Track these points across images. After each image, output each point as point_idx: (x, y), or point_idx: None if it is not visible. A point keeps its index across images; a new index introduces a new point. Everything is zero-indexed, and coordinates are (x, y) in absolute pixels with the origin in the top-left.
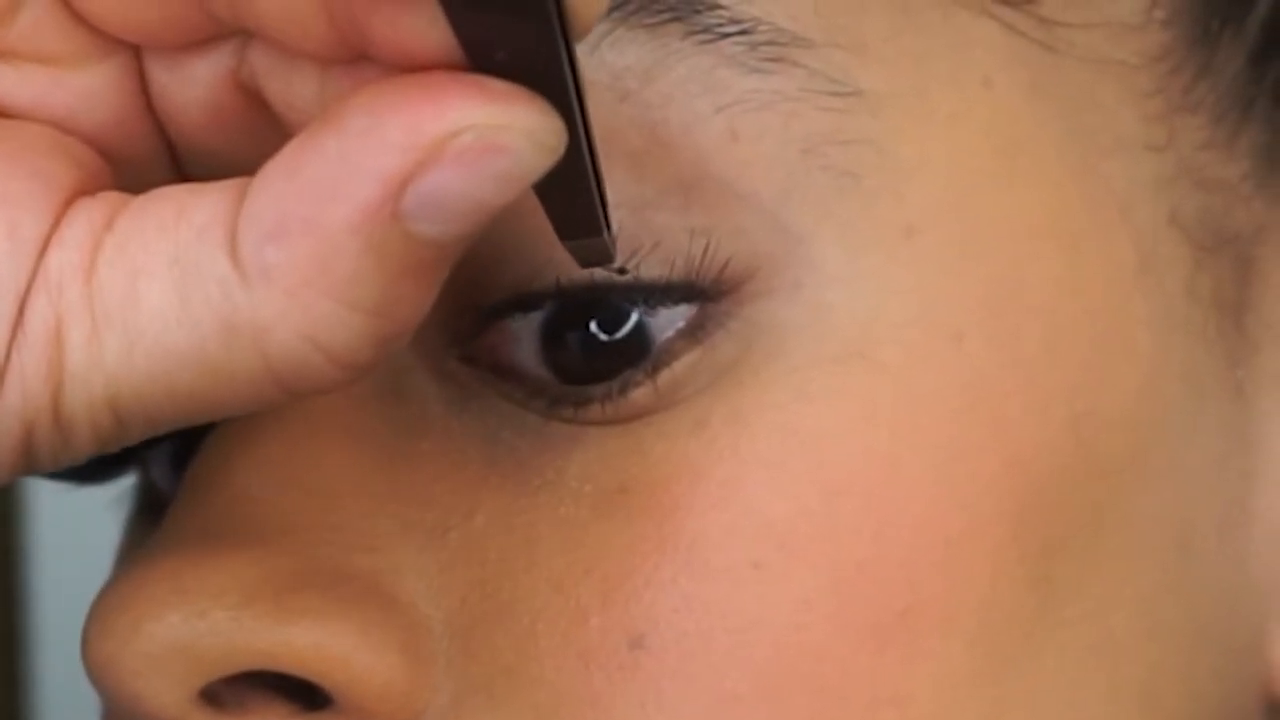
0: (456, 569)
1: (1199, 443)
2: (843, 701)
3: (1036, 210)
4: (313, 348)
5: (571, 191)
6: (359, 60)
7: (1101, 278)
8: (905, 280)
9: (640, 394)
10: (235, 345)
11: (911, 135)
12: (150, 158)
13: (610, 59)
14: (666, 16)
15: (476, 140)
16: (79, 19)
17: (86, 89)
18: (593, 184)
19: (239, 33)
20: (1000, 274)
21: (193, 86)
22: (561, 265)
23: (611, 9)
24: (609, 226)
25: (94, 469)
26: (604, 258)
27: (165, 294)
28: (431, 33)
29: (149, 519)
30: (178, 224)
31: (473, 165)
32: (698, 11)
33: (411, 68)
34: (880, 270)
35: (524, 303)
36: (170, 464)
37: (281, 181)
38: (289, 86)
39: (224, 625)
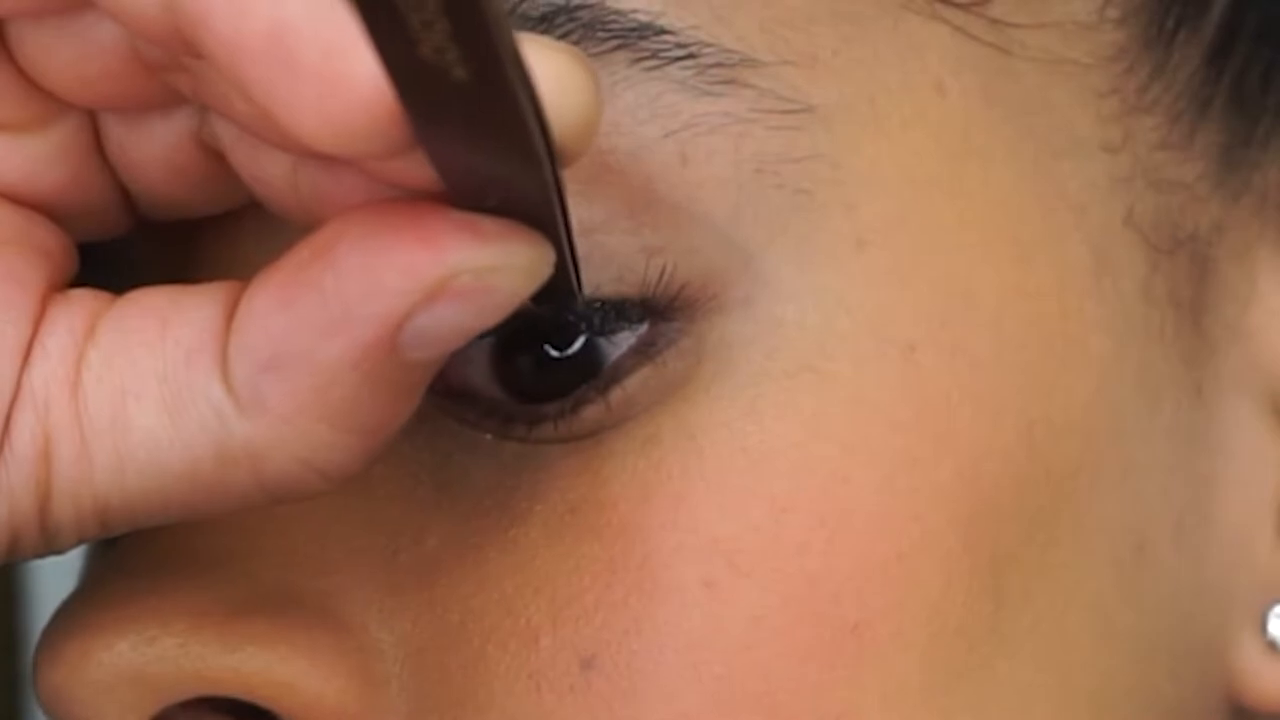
0: (407, 592)
1: (1154, 447)
2: (793, 718)
3: (989, 216)
4: (307, 468)
5: (551, 278)
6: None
7: (1055, 282)
8: (856, 293)
9: (592, 411)
10: (230, 468)
11: (864, 146)
12: (109, 207)
13: None
14: (612, 44)
15: (473, 281)
16: (35, 86)
17: (43, 152)
18: (571, 269)
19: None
20: (951, 282)
21: (152, 144)
22: None
23: (557, 39)
24: (580, 290)
25: None
26: (569, 306)
27: (156, 415)
28: (420, 171)
29: (107, 544)
30: (163, 341)
31: (469, 302)
32: (643, 38)
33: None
34: (832, 284)
35: None
36: None
37: (274, 313)
38: (257, 163)
39: (172, 652)
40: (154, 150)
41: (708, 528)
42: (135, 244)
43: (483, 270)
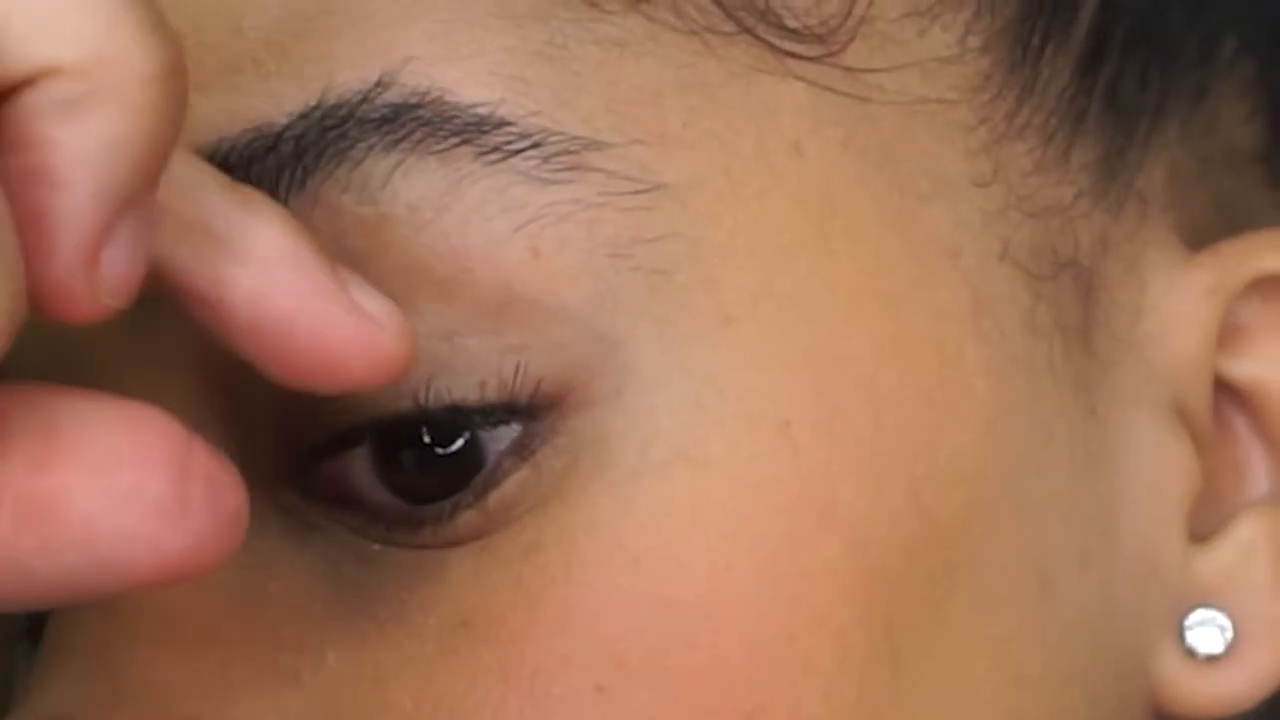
0: (313, 713)
1: (1051, 479)
2: None
3: (857, 274)
4: None
5: None
6: None
7: (931, 332)
8: (725, 373)
9: (469, 516)
10: None
11: (722, 219)
12: None
13: (404, 190)
14: (455, 141)
15: None
16: None
17: None
18: None
19: None
20: (822, 350)
21: None
22: (372, 400)
23: (400, 139)
24: None
25: None
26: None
27: None
28: None
29: (35, 645)
30: None
31: None
32: (485, 132)
33: None
34: (700, 365)
35: (344, 439)
36: None
37: None
38: None
39: None
40: None
41: (595, 632)
42: None
43: None
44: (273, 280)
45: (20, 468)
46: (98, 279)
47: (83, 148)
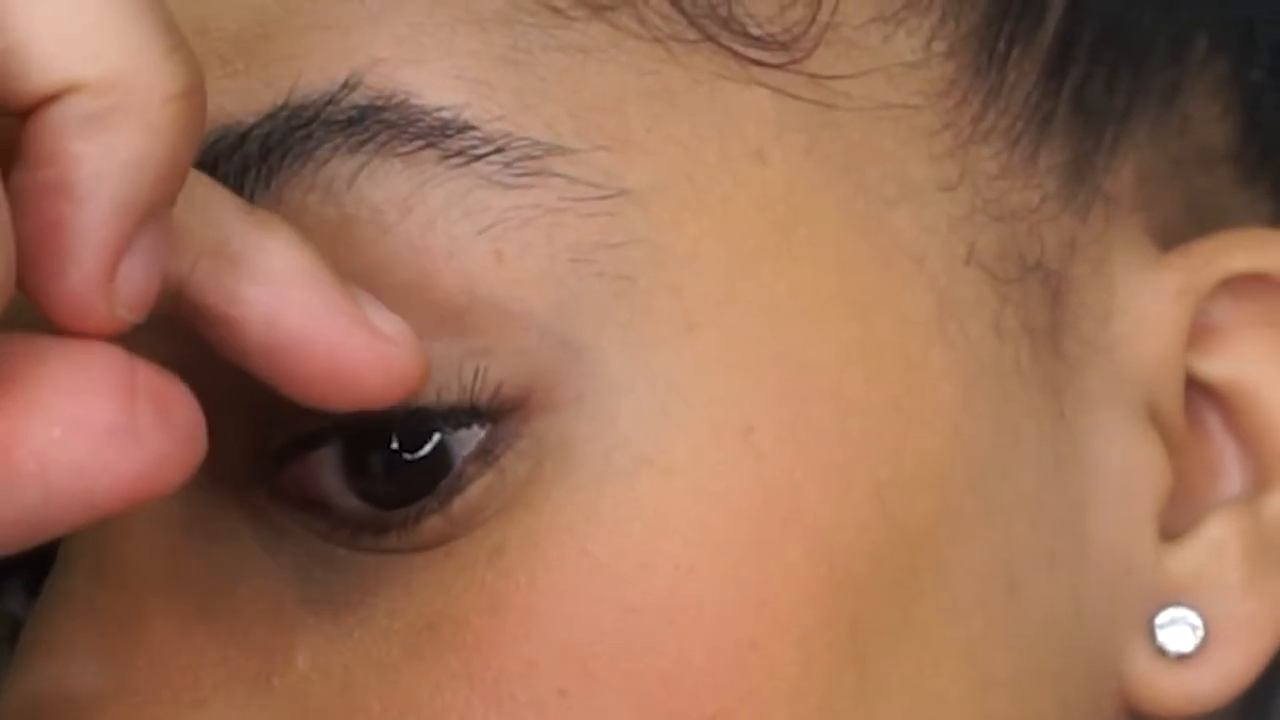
0: (282, 716)
1: (1018, 482)
2: None
3: (821, 281)
4: None
5: None
6: None
7: (896, 336)
8: (689, 378)
9: (434, 522)
10: None
11: (685, 226)
12: None
13: (368, 192)
14: (419, 144)
15: None
16: None
17: None
18: None
19: None
20: (787, 356)
21: None
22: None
23: (365, 141)
24: None
25: None
26: None
27: None
28: None
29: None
30: None
31: None
32: (449, 135)
33: None
34: (664, 371)
35: (309, 440)
36: (27, 594)
37: None
38: None
39: None
40: None
41: (559, 636)
42: None
43: None
44: (288, 300)
45: None
46: (114, 292)
47: (103, 163)
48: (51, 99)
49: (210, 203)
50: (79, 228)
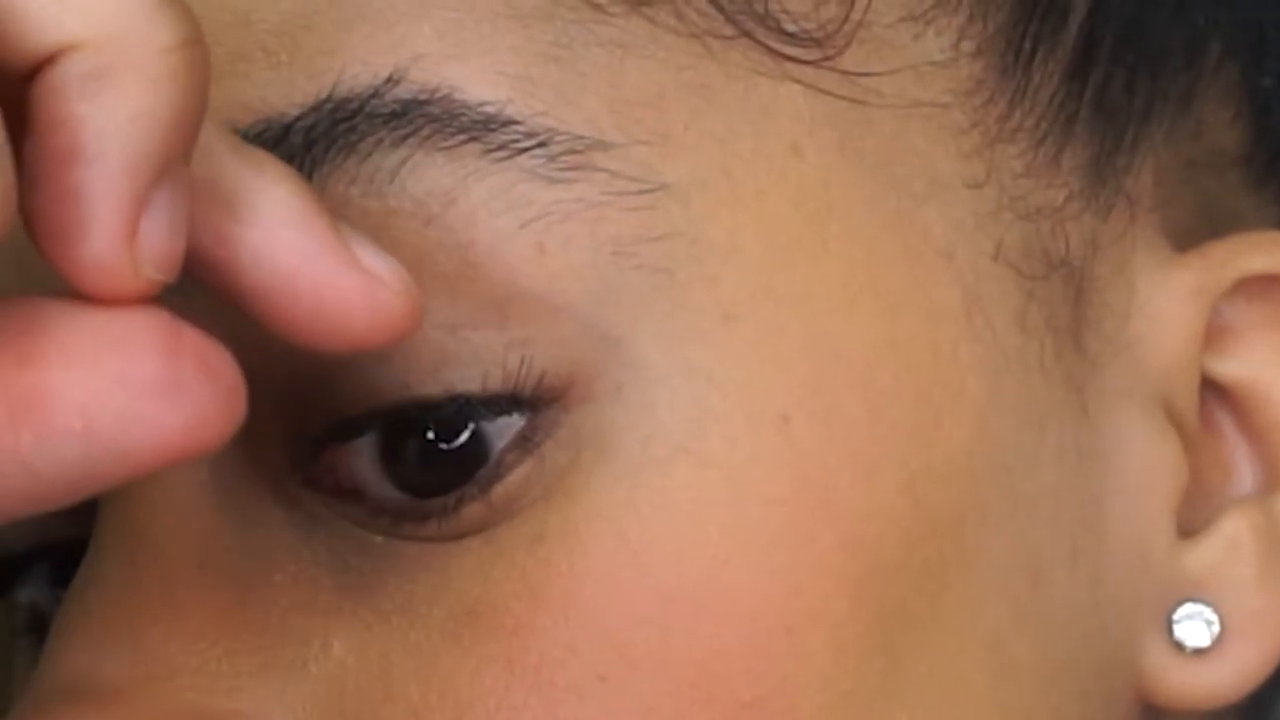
0: (319, 703)
1: (1041, 475)
2: None
3: (852, 274)
4: None
5: None
6: None
7: (925, 330)
8: (726, 369)
9: (474, 509)
10: None
11: (722, 219)
12: None
13: (411, 185)
14: (462, 138)
15: None
16: None
17: None
18: None
19: None
20: (820, 346)
21: None
22: (376, 390)
23: (408, 135)
24: None
25: None
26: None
27: None
28: None
29: (37, 640)
30: None
31: None
32: (492, 130)
33: None
34: (701, 362)
35: (347, 427)
36: (49, 583)
37: None
38: None
39: None
40: None
41: (598, 623)
42: None
43: None
44: (276, 238)
45: (8, 366)
46: (137, 252)
47: (108, 121)
48: (50, 60)
49: (203, 143)
50: (92, 190)
